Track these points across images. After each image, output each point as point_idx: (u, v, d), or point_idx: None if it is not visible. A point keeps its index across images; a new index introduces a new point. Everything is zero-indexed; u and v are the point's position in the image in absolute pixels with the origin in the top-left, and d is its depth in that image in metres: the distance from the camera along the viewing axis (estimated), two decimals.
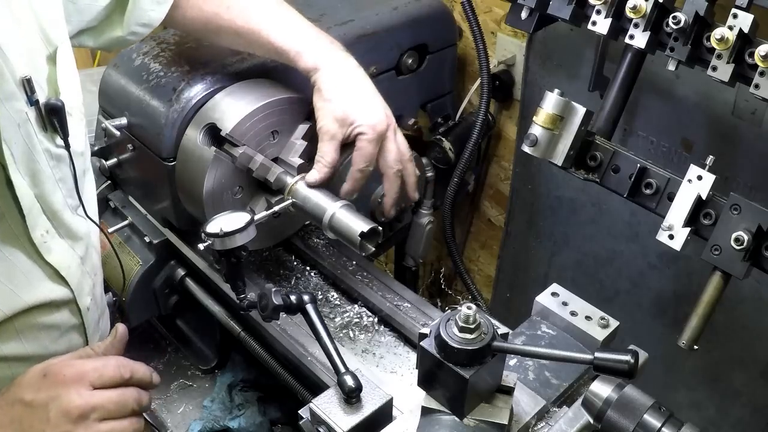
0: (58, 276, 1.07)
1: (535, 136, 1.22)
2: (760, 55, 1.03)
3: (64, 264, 1.07)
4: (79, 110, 1.11)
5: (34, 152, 1.00)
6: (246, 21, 1.29)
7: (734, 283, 1.08)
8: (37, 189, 1.01)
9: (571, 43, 1.72)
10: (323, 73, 1.28)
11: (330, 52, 1.31)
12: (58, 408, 0.92)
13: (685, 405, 1.82)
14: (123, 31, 1.30)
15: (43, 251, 1.03)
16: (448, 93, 1.97)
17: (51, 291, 1.06)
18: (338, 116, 1.27)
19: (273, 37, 1.29)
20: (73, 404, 0.92)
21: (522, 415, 1.03)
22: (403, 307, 1.36)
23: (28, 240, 1.01)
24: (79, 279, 1.11)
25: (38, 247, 1.02)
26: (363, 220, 1.22)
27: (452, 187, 1.95)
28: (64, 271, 1.07)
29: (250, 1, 1.31)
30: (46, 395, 0.93)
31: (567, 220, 1.95)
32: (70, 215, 1.10)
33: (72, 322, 1.12)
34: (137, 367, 1.03)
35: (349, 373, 1.06)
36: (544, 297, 1.22)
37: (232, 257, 1.19)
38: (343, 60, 1.32)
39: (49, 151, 1.03)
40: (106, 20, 1.28)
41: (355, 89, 1.31)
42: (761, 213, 1.04)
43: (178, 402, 1.62)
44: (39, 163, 1.00)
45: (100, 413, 0.94)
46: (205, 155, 1.30)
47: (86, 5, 1.22)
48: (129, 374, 1.00)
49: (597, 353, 0.90)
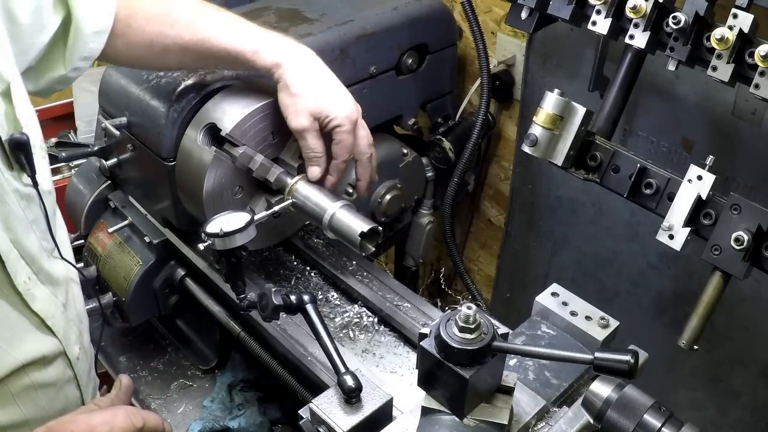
0: (45, 326, 1.00)
1: (535, 136, 1.22)
2: (760, 55, 1.03)
3: (48, 313, 1.01)
4: (41, 147, 1.04)
5: (3, 194, 0.94)
6: (193, 33, 1.23)
7: (734, 283, 1.08)
8: (12, 233, 0.94)
9: (571, 43, 1.72)
10: (287, 68, 1.24)
11: (289, 47, 1.27)
12: None
13: (685, 405, 1.82)
14: (65, 68, 1.18)
15: (28, 299, 0.96)
16: (448, 93, 1.97)
17: (41, 344, 1.00)
18: (312, 110, 1.24)
19: (225, 41, 1.23)
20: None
21: (522, 415, 1.03)
22: (403, 307, 1.36)
23: (11, 289, 0.94)
24: (65, 327, 1.05)
25: (23, 295, 0.96)
26: (363, 220, 1.22)
27: (452, 187, 1.95)
28: (49, 321, 1.01)
29: (194, 15, 1.25)
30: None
31: (567, 220, 1.95)
32: (47, 259, 1.03)
33: (66, 376, 1.06)
34: (148, 417, 0.96)
35: (349, 373, 1.06)
36: (544, 297, 1.22)
37: (232, 257, 1.19)
38: (305, 53, 1.28)
39: (18, 192, 0.96)
40: (45, 59, 1.16)
41: (323, 81, 1.28)
42: (761, 213, 1.04)
43: (178, 402, 1.62)
44: (9, 205, 0.94)
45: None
46: (205, 155, 1.30)
47: (29, 44, 1.11)
48: (141, 423, 0.93)
49: (597, 353, 0.90)
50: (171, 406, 1.61)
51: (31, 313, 0.98)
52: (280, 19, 1.64)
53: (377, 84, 1.72)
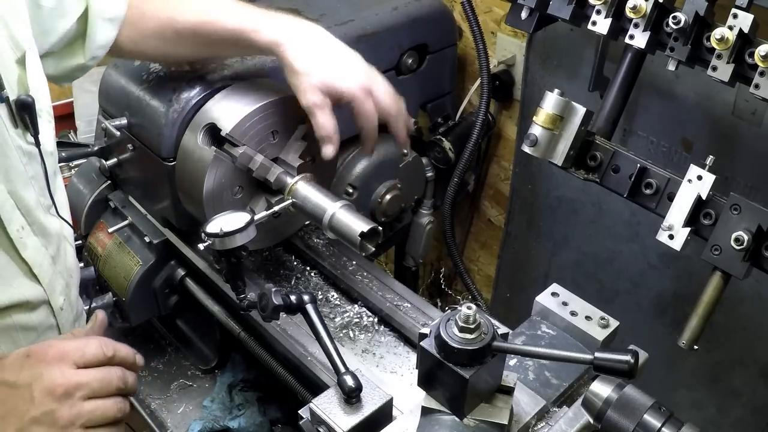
0: (32, 273, 1.06)
1: (535, 136, 1.22)
2: (760, 55, 1.03)
3: (36, 261, 1.06)
4: (48, 113, 1.11)
5: (6, 148, 1.00)
6: (200, 16, 1.26)
7: (734, 283, 1.08)
8: (10, 185, 1.01)
9: (571, 43, 1.72)
10: (289, 46, 1.23)
11: (291, 24, 1.26)
12: (41, 387, 0.90)
13: (685, 405, 1.82)
14: (84, 57, 1.27)
15: (18, 246, 1.03)
16: (448, 93, 1.97)
17: (26, 289, 1.06)
18: (321, 87, 1.22)
19: (226, 21, 1.25)
20: (57, 382, 0.91)
21: (522, 415, 1.03)
22: (403, 307, 1.36)
23: (4, 234, 1.01)
24: (51, 278, 1.11)
25: (14, 241, 1.02)
26: (363, 220, 1.22)
27: (452, 187, 1.95)
28: (36, 269, 1.06)
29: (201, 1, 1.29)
30: (29, 375, 0.91)
31: (567, 220, 1.95)
32: (43, 214, 1.09)
33: (48, 323, 1.12)
34: (119, 347, 1.01)
35: (349, 373, 1.06)
36: (544, 297, 1.22)
37: (232, 257, 1.19)
38: (308, 29, 1.27)
39: (21, 148, 1.03)
40: (68, 48, 1.25)
41: (328, 54, 1.26)
42: (761, 213, 1.04)
43: (178, 402, 1.62)
44: (10, 159, 1.01)
45: (85, 391, 0.93)
46: (205, 155, 1.30)
47: (51, 27, 1.19)
48: (111, 352, 0.98)
49: (597, 353, 0.90)
50: (171, 406, 1.61)
51: (20, 260, 1.04)
52: None
53: None
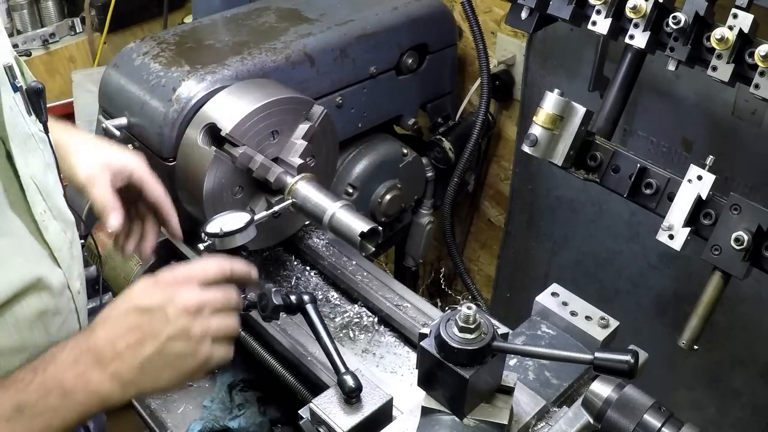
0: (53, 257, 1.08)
1: (535, 136, 1.22)
2: (760, 55, 1.03)
3: (57, 245, 1.08)
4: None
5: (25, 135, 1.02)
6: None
7: (734, 283, 1.08)
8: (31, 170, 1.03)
9: (571, 43, 1.72)
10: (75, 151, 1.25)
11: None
12: (175, 307, 0.99)
13: (685, 405, 1.82)
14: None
15: (42, 229, 1.05)
16: (448, 93, 1.97)
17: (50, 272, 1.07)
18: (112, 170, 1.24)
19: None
20: (190, 301, 0.99)
21: (522, 415, 1.03)
22: (403, 307, 1.36)
23: (30, 217, 1.03)
24: (69, 262, 1.12)
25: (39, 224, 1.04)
26: (363, 220, 1.22)
27: (452, 187, 1.95)
28: (56, 253, 1.08)
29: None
30: (161, 298, 1.00)
31: (567, 220, 1.95)
32: (61, 199, 1.12)
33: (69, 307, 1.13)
34: (236, 265, 1.08)
35: (349, 373, 1.06)
36: (544, 297, 1.22)
37: None
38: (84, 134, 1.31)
39: (36, 135, 1.05)
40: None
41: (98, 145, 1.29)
42: (761, 213, 1.04)
43: (178, 402, 1.62)
44: (29, 145, 1.03)
45: (212, 308, 1.01)
46: (205, 155, 1.30)
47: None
48: (230, 270, 1.06)
49: (597, 353, 0.90)
50: (171, 406, 1.61)
51: (43, 242, 1.05)
52: (280, 18, 1.65)
53: (377, 84, 1.72)
